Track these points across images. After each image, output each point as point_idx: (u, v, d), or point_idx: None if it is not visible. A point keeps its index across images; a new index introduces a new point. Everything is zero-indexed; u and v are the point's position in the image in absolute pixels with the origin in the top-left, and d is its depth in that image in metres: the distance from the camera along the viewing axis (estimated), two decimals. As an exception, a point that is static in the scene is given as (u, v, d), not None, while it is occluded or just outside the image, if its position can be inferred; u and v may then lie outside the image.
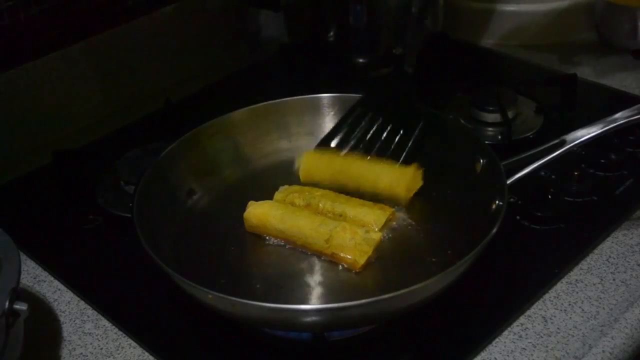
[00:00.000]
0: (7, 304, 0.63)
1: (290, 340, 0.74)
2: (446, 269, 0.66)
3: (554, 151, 0.80)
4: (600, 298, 0.77)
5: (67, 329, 0.78)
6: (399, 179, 0.84)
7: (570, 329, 0.74)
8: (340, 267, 0.77)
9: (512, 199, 0.87)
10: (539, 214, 0.86)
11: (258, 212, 0.81)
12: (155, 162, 0.83)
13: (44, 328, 0.79)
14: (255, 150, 0.93)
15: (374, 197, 0.84)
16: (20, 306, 0.64)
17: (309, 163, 0.88)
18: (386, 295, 0.63)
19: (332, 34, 1.13)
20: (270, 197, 0.85)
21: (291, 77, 1.20)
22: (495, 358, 0.71)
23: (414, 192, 0.84)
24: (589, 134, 0.80)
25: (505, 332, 0.74)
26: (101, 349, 0.75)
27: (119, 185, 0.93)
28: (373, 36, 1.12)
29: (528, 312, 0.76)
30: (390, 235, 0.81)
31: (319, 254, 0.78)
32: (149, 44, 1.16)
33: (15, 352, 0.68)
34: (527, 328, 0.74)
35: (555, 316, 0.75)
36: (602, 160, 0.94)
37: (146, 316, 0.78)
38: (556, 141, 0.81)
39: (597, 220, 0.86)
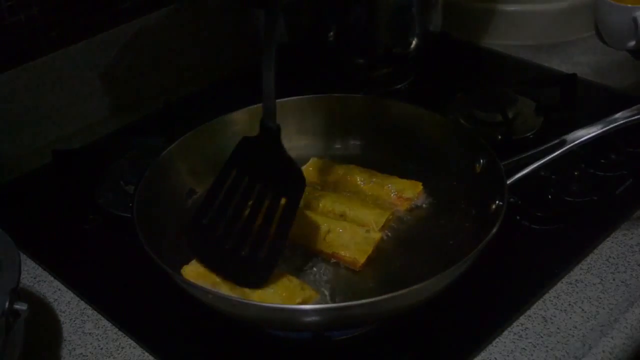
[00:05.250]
0: (7, 304, 0.63)
1: (291, 340, 0.74)
2: (446, 269, 0.66)
3: (554, 151, 0.80)
4: (600, 298, 0.77)
5: (67, 329, 0.78)
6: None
7: (570, 329, 0.74)
8: (341, 266, 0.77)
9: (512, 199, 0.87)
10: (539, 214, 0.86)
11: None
12: (155, 162, 0.83)
13: (44, 328, 0.79)
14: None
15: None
16: (20, 306, 0.64)
17: None
18: (386, 296, 0.63)
19: (332, 34, 1.13)
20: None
21: (291, 77, 1.20)
22: (495, 358, 0.71)
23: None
24: (589, 134, 0.80)
25: (505, 332, 0.74)
26: (101, 349, 0.75)
27: (119, 185, 0.93)
28: (373, 36, 1.11)
29: (528, 312, 0.76)
30: (391, 235, 0.81)
31: (319, 253, 0.78)
32: (149, 44, 1.16)
33: (15, 352, 0.68)
34: (527, 328, 0.74)
35: (555, 316, 0.75)
36: (602, 160, 0.94)
37: (146, 316, 0.78)
38: (556, 141, 0.81)
39: (597, 220, 0.86)
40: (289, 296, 0.71)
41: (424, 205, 0.85)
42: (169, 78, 1.20)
